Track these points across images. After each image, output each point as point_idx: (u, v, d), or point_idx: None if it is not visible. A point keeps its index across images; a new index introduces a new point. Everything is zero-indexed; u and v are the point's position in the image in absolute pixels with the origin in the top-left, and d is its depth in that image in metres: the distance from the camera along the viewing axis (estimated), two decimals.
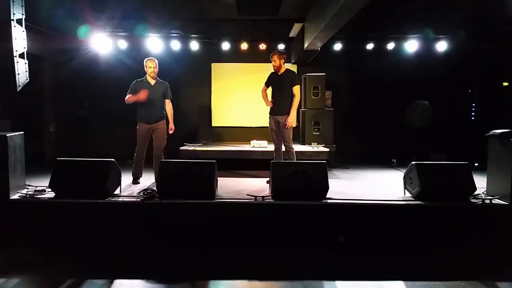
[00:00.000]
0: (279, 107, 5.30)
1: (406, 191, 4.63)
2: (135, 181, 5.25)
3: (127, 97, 5.11)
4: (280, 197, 4.28)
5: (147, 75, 5.25)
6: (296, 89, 5.26)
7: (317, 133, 7.37)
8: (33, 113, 7.39)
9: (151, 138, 5.32)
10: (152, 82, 5.26)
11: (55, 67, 7.59)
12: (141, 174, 5.35)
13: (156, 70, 5.24)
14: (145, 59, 5.26)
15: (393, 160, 7.45)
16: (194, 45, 7.65)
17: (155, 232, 4.04)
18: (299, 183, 4.28)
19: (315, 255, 3.89)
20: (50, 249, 3.89)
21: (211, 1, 6.59)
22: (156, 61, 5.26)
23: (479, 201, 4.26)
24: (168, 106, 5.39)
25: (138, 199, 4.20)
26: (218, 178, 4.61)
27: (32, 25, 5.72)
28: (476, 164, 6.11)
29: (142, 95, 5.06)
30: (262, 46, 7.69)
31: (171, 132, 5.39)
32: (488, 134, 4.52)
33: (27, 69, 4.44)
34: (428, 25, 7.29)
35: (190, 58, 7.94)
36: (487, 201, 4.26)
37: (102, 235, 4.00)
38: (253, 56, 7.93)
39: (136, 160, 5.27)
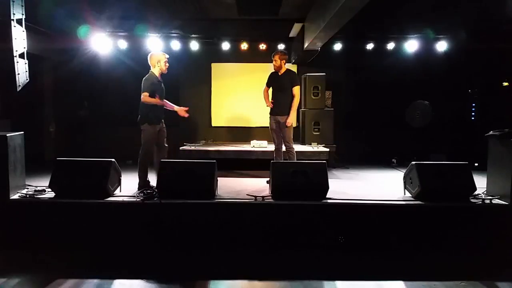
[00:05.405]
0: (279, 107, 5.30)
1: (406, 191, 4.63)
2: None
3: (152, 99, 4.66)
4: (280, 197, 4.28)
5: (155, 72, 4.79)
6: (296, 90, 5.26)
7: (317, 133, 7.37)
8: (33, 113, 7.40)
9: None
10: (161, 80, 4.88)
11: (55, 67, 7.60)
12: None
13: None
14: (160, 54, 4.85)
15: (393, 160, 7.45)
16: (194, 45, 7.64)
17: (155, 232, 4.04)
18: (299, 183, 4.28)
19: (315, 255, 3.89)
20: (50, 249, 3.88)
21: (211, 1, 6.59)
22: None
23: (479, 201, 4.26)
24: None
25: (138, 199, 4.20)
26: (218, 178, 4.61)
27: (32, 25, 5.70)
28: (476, 164, 6.11)
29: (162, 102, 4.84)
30: (262, 46, 7.68)
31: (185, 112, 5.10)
32: (488, 134, 4.51)
33: (27, 69, 4.44)
34: (428, 25, 7.28)
35: (190, 58, 7.93)
36: (487, 201, 4.26)
37: (102, 235, 4.00)
38: (253, 56, 7.93)
39: (150, 164, 4.83)
